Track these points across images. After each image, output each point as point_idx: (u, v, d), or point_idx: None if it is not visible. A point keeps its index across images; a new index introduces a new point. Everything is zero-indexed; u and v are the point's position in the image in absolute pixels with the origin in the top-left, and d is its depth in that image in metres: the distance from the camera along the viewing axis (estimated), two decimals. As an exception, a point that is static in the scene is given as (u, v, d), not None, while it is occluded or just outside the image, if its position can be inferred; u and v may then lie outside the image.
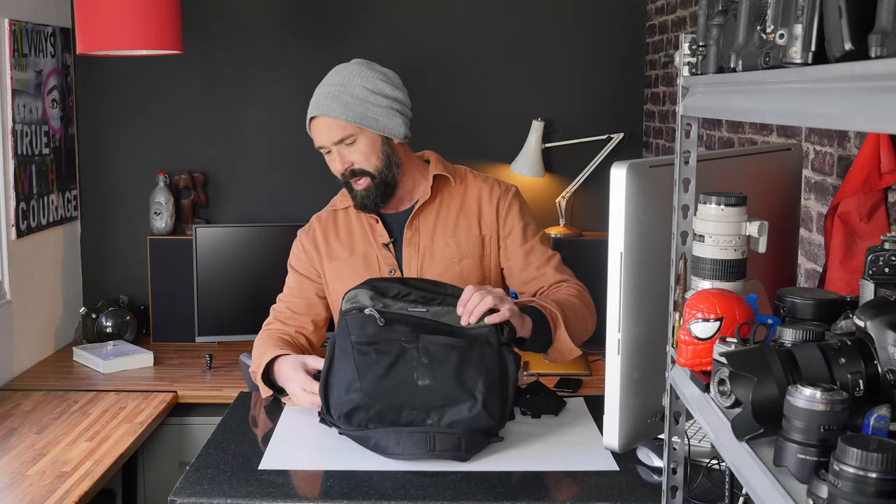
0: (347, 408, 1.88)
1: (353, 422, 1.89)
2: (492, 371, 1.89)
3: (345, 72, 2.21)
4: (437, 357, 1.88)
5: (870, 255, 1.27)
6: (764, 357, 1.06)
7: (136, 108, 3.79)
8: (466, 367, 1.88)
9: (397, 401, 1.86)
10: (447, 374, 1.87)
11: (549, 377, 3.23)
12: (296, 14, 3.76)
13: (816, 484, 0.93)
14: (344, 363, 1.91)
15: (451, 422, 1.86)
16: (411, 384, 1.87)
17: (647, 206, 1.39)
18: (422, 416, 1.86)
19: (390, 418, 1.87)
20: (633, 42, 3.79)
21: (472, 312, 1.92)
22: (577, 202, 3.80)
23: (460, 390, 1.86)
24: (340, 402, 1.89)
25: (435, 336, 1.91)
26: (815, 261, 2.13)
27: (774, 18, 0.99)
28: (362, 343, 1.90)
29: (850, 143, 1.96)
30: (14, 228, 3.20)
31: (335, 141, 2.17)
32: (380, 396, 1.87)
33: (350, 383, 1.88)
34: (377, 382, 1.87)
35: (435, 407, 1.86)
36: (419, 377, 1.87)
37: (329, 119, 2.16)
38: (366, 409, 1.87)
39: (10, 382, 3.19)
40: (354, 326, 1.93)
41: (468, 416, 1.85)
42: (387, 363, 1.88)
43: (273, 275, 3.60)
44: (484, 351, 1.91)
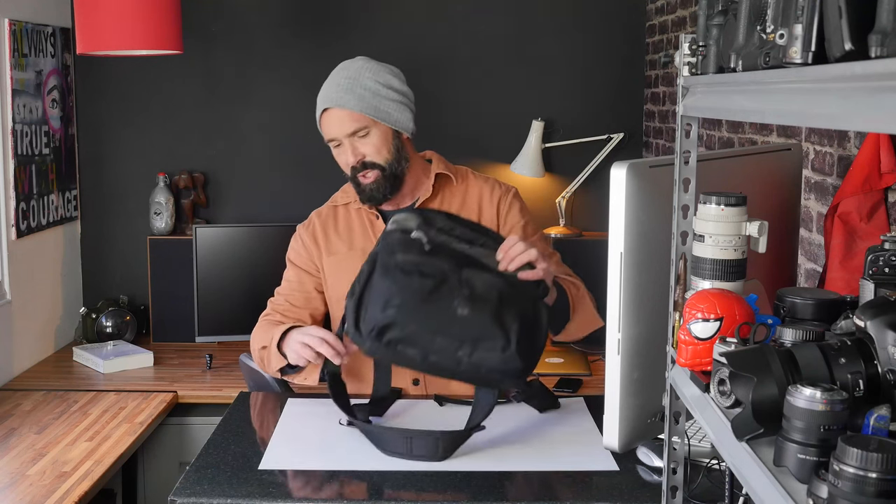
0: (383, 322, 1.83)
1: (383, 338, 1.84)
2: (527, 318, 1.87)
3: (354, 66, 2.22)
4: (479, 292, 1.85)
5: (870, 255, 1.27)
6: (764, 357, 1.06)
7: (136, 108, 3.79)
8: (505, 307, 1.85)
9: (434, 325, 1.83)
10: (486, 309, 1.84)
11: (549, 377, 3.23)
12: (296, 14, 3.76)
13: (816, 484, 0.93)
14: (384, 280, 1.87)
15: (482, 360, 1.83)
16: (450, 311, 1.83)
17: (647, 206, 1.39)
18: (454, 345, 1.82)
19: (423, 342, 1.83)
20: (633, 42, 3.79)
21: (514, 260, 1.91)
22: (577, 202, 3.80)
23: (497, 328, 1.83)
24: (374, 318, 1.85)
25: (478, 272, 1.89)
26: (815, 261, 2.13)
27: (774, 18, 0.99)
28: (407, 263, 1.87)
29: (850, 143, 1.96)
30: (14, 228, 3.20)
31: (348, 133, 2.18)
32: (417, 318, 1.83)
33: (389, 300, 1.84)
34: (417, 304, 1.84)
35: (469, 339, 1.82)
36: (459, 306, 1.83)
37: (343, 111, 2.17)
38: (401, 327, 1.83)
39: (10, 382, 3.19)
40: (399, 247, 1.90)
41: (500, 357, 1.83)
42: (429, 287, 1.85)
43: (273, 275, 3.59)
44: (523, 297, 1.89)
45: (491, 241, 1.97)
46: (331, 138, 2.22)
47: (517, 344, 1.83)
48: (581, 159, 3.73)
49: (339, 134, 2.19)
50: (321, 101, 2.21)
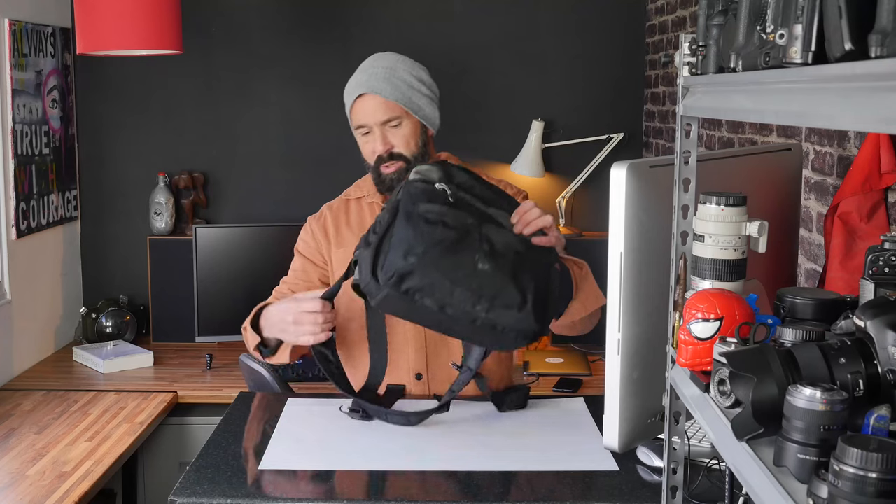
0: (404, 269, 1.80)
1: (402, 286, 1.81)
2: (541, 280, 1.88)
3: (390, 58, 2.25)
4: (498, 249, 1.86)
5: (870, 255, 1.27)
6: (764, 357, 1.06)
7: (136, 108, 3.79)
8: (522, 267, 1.86)
9: (454, 276, 1.81)
10: (505, 266, 1.84)
11: (549, 377, 3.23)
12: (296, 14, 3.76)
13: (816, 484, 0.93)
14: (406, 228, 1.84)
15: (498, 317, 1.82)
16: (472, 265, 1.82)
17: (647, 206, 1.39)
18: (472, 299, 1.81)
19: (441, 293, 1.81)
20: (633, 42, 3.79)
21: (529, 224, 1.92)
22: (577, 202, 3.80)
23: (514, 287, 1.83)
24: (395, 264, 1.81)
25: (498, 229, 1.90)
26: (815, 261, 2.13)
27: (774, 18, 0.99)
28: (431, 212, 1.86)
29: (850, 143, 1.96)
30: (14, 228, 3.20)
31: (382, 121, 2.19)
32: (439, 268, 1.81)
33: (411, 248, 1.81)
34: (441, 253, 1.82)
35: (487, 295, 1.82)
36: (480, 260, 1.83)
37: (379, 98, 2.18)
38: (422, 275, 1.80)
39: (10, 382, 3.19)
40: (423, 196, 1.88)
41: (517, 317, 1.83)
42: (453, 238, 1.83)
43: (273, 275, 3.59)
44: (537, 260, 1.90)
45: (506, 203, 1.98)
46: (361, 125, 2.22)
47: (532, 304, 1.83)
48: (581, 159, 3.73)
49: (371, 121, 2.20)
50: (356, 87, 2.22)
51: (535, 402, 2.24)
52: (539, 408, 2.20)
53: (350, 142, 3.77)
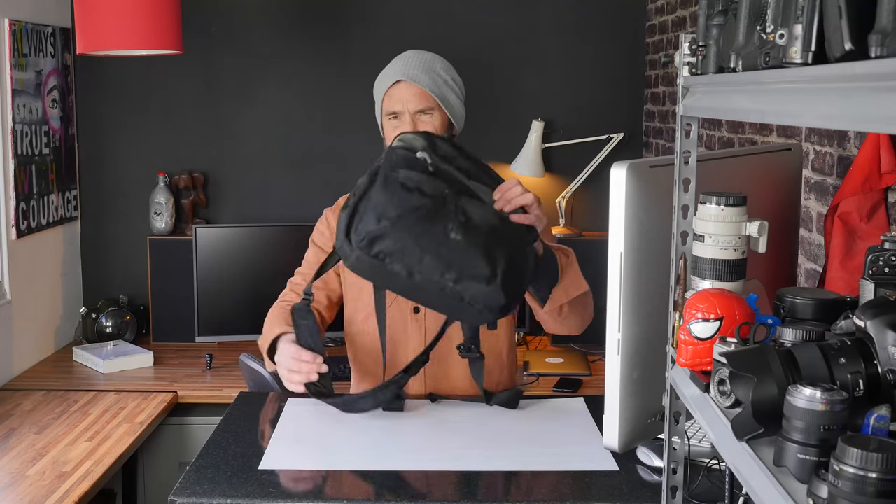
0: (375, 233, 1.82)
1: (373, 249, 1.84)
2: (516, 256, 1.89)
3: (426, 54, 2.29)
4: (474, 220, 1.86)
5: (870, 255, 1.27)
6: (764, 357, 1.06)
7: (136, 108, 3.79)
8: (496, 241, 1.86)
9: (425, 243, 1.82)
10: (478, 239, 1.84)
11: (549, 377, 3.23)
12: (295, 14, 3.76)
13: (816, 484, 0.93)
14: (383, 192, 1.85)
15: (465, 288, 1.83)
16: (444, 234, 1.83)
17: (647, 206, 1.39)
18: (441, 268, 1.82)
19: (411, 259, 1.83)
20: (633, 42, 3.79)
21: (510, 201, 1.92)
22: (577, 202, 3.80)
23: (485, 259, 1.83)
24: (367, 227, 1.83)
25: (476, 201, 1.90)
26: (815, 261, 2.13)
27: (774, 18, 0.99)
28: (409, 179, 1.87)
29: (850, 143, 1.96)
30: (14, 228, 3.20)
31: (415, 109, 2.21)
32: (411, 233, 1.82)
33: (384, 212, 1.83)
34: (413, 219, 1.83)
35: (456, 265, 1.83)
36: (452, 230, 1.84)
37: (417, 87, 2.21)
38: (393, 239, 1.82)
39: (10, 382, 3.19)
40: (403, 162, 1.89)
41: (484, 290, 1.83)
42: (427, 206, 1.84)
43: (273, 275, 3.60)
44: (513, 236, 1.90)
45: (489, 178, 1.98)
46: (394, 111, 2.24)
47: (502, 278, 1.83)
48: (581, 159, 3.73)
49: (405, 108, 2.22)
50: (393, 73, 2.24)
51: (535, 402, 2.24)
52: (539, 408, 2.20)
53: (350, 142, 3.79)
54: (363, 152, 3.78)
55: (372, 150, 3.76)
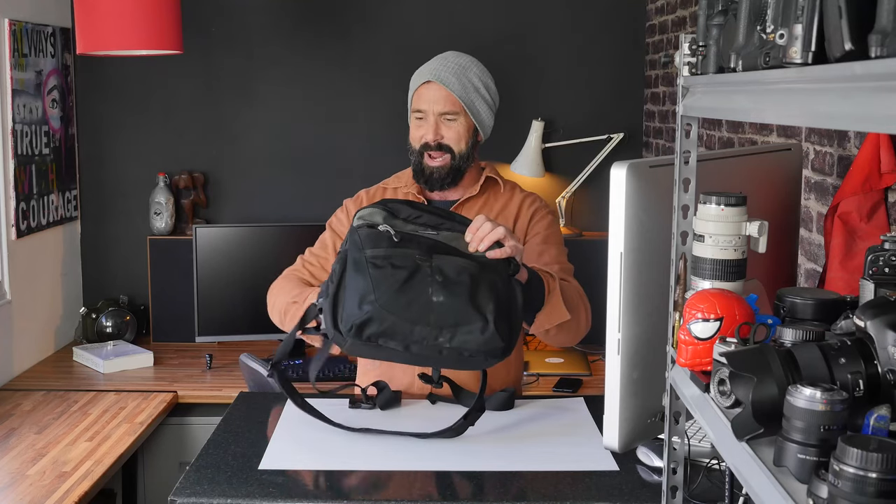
0: (360, 319, 1.82)
1: (363, 334, 1.84)
2: (502, 296, 1.88)
3: (464, 58, 2.32)
4: (451, 277, 1.86)
5: (870, 255, 1.27)
6: (764, 357, 1.06)
7: (136, 108, 3.79)
8: (478, 288, 1.86)
9: (411, 315, 1.83)
10: (460, 293, 1.84)
11: (549, 377, 3.23)
12: (295, 14, 3.76)
13: (816, 484, 0.92)
14: (356, 277, 1.86)
15: (463, 343, 1.84)
16: (426, 299, 1.84)
17: (647, 206, 1.39)
18: (434, 333, 1.83)
19: (402, 333, 1.83)
20: (633, 42, 3.79)
21: (483, 240, 1.92)
22: (577, 202, 3.80)
23: (473, 310, 1.83)
24: (352, 315, 1.84)
25: (448, 256, 1.90)
26: (815, 261, 2.13)
27: (774, 18, 0.99)
28: (377, 257, 1.87)
29: (850, 143, 1.96)
30: (14, 228, 3.20)
31: (440, 111, 2.25)
32: (395, 309, 1.83)
33: (364, 296, 1.84)
34: (393, 296, 1.83)
35: (447, 325, 1.83)
36: (433, 293, 1.84)
37: (446, 90, 2.24)
38: (379, 321, 1.82)
39: (10, 382, 3.19)
40: (368, 241, 1.90)
41: (480, 339, 1.83)
42: (403, 277, 1.85)
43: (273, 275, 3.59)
44: (494, 276, 1.90)
45: (457, 224, 1.98)
46: (420, 109, 2.27)
47: (495, 323, 1.84)
48: (581, 159, 3.73)
49: (430, 108, 2.26)
50: (426, 73, 2.27)
51: (535, 402, 2.24)
52: (539, 408, 2.20)
53: (350, 141, 3.79)
54: (363, 152, 3.79)
55: (372, 149, 3.79)
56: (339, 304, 1.87)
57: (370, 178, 2.85)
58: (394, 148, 3.45)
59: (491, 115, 2.34)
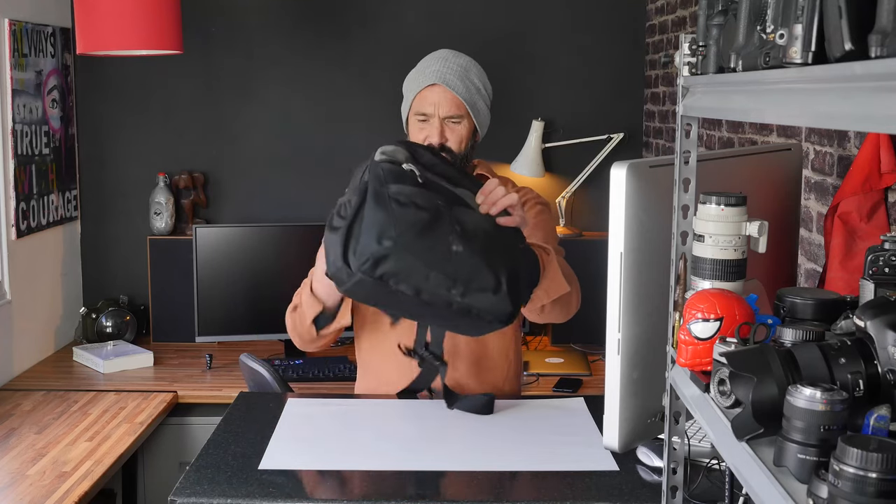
0: (379, 254, 1.73)
1: (377, 271, 1.74)
2: (512, 261, 1.85)
3: (463, 59, 2.31)
4: (469, 230, 1.80)
5: (870, 255, 1.27)
6: (764, 357, 1.06)
7: (136, 108, 3.79)
8: (494, 248, 1.82)
9: (430, 259, 1.75)
10: (477, 249, 1.79)
11: (549, 377, 3.23)
12: (295, 14, 3.76)
13: (816, 484, 0.93)
14: (377, 210, 1.75)
15: (473, 301, 1.78)
16: (445, 246, 1.77)
17: (647, 206, 1.39)
18: (447, 283, 1.76)
19: (417, 277, 1.75)
20: (633, 42, 3.79)
21: (495, 204, 1.87)
22: (577, 202, 3.80)
23: (487, 269, 1.78)
24: (369, 248, 1.73)
25: (468, 209, 1.85)
26: (815, 261, 2.13)
27: (774, 18, 0.99)
28: (401, 194, 1.77)
29: (850, 143, 1.96)
30: (14, 228, 3.20)
31: (445, 115, 2.25)
32: (414, 250, 1.74)
33: (384, 231, 1.73)
34: (415, 236, 1.74)
35: (462, 278, 1.77)
36: (453, 242, 1.78)
37: (451, 93, 2.24)
38: (397, 259, 1.73)
39: (10, 382, 3.19)
40: (392, 177, 1.80)
41: (492, 299, 1.79)
42: (426, 220, 1.76)
43: (273, 275, 3.61)
44: (506, 244, 1.87)
45: (470, 183, 1.94)
46: (423, 112, 2.26)
47: (507, 286, 1.80)
48: (581, 159, 3.73)
49: (435, 112, 2.25)
50: (430, 76, 2.25)
51: (535, 402, 2.24)
52: (539, 408, 2.20)
53: (350, 141, 3.79)
54: (363, 152, 3.77)
55: (372, 149, 3.77)
56: (352, 236, 1.78)
57: (370, 178, 2.84)
58: (394, 148, 3.45)
59: (489, 114, 2.35)
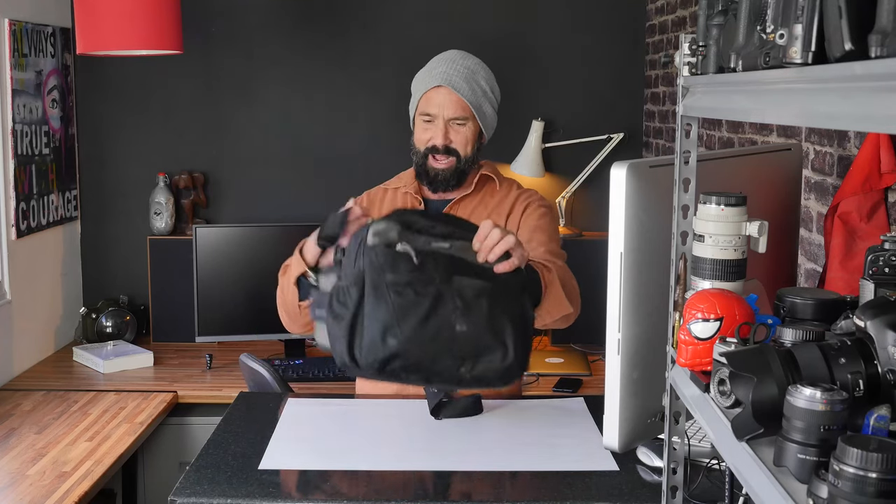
0: (383, 355, 1.74)
1: (385, 370, 1.76)
2: (517, 316, 1.83)
3: (471, 60, 2.33)
4: (470, 302, 1.78)
5: (870, 255, 1.27)
6: (764, 357, 1.06)
7: (136, 108, 3.79)
8: (495, 312, 1.80)
9: (435, 348, 1.75)
10: (481, 320, 1.78)
11: (549, 377, 3.23)
12: (296, 14, 3.76)
13: (816, 484, 0.93)
14: (377, 304, 1.75)
15: (484, 370, 1.78)
16: (450, 330, 1.76)
17: (647, 206, 1.39)
18: (456, 363, 1.77)
19: (424, 368, 1.76)
20: (633, 42, 3.79)
21: (493, 251, 1.83)
22: (577, 202, 3.80)
23: (492, 338, 1.78)
24: (375, 347, 1.74)
25: (467, 279, 1.81)
26: (815, 261, 2.13)
27: (774, 18, 0.99)
28: (399, 283, 1.75)
29: (850, 143, 1.96)
30: (14, 228, 3.20)
31: (450, 116, 2.26)
32: (420, 343, 1.74)
33: (388, 328, 1.74)
34: (418, 328, 1.74)
35: (469, 355, 1.77)
36: (457, 322, 1.76)
37: (456, 95, 2.25)
38: (405, 356, 1.74)
39: (10, 382, 3.19)
40: (388, 265, 1.76)
41: (501, 366, 1.78)
42: (427, 306, 1.75)
43: (273, 275, 3.59)
44: (508, 296, 1.84)
45: (465, 231, 1.88)
46: (428, 113, 2.27)
47: (514, 349, 1.80)
48: (581, 159, 3.73)
49: (440, 113, 2.26)
50: (436, 77, 2.26)
51: (535, 402, 2.24)
52: (539, 408, 2.20)
53: (350, 141, 3.79)
54: (363, 152, 3.78)
55: (372, 149, 3.79)
56: (356, 331, 1.77)
57: (370, 177, 2.85)
58: (394, 148, 3.45)
59: (495, 116, 2.35)
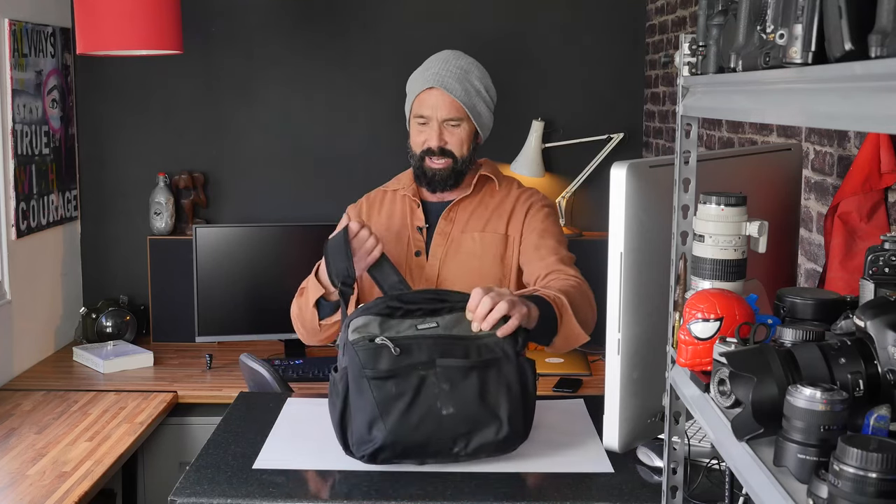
0: (371, 448, 1.80)
1: (377, 459, 1.82)
2: (513, 386, 1.83)
3: (464, 60, 2.31)
4: (457, 381, 1.79)
5: (870, 255, 1.27)
6: (764, 357, 1.06)
7: (136, 108, 3.79)
8: (488, 386, 1.81)
9: (423, 436, 1.79)
10: (470, 398, 1.79)
11: (549, 377, 3.23)
12: (295, 14, 3.76)
13: (816, 484, 0.93)
14: (360, 398, 1.80)
15: (479, 446, 1.81)
16: (435, 415, 1.79)
17: (647, 206, 1.39)
18: (448, 444, 1.80)
19: (416, 453, 1.81)
20: (633, 42, 3.79)
21: (486, 320, 1.82)
22: (577, 202, 3.80)
23: (485, 413, 1.80)
24: (363, 441, 1.80)
25: (451, 359, 1.81)
26: (815, 261, 2.13)
27: (774, 18, 0.99)
28: (379, 378, 1.79)
29: (850, 143, 1.96)
30: (14, 228, 3.20)
31: (444, 118, 2.26)
32: (405, 434, 1.79)
33: (372, 421, 1.79)
34: (401, 420, 1.78)
35: (461, 434, 1.80)
36: (442, 406, 1.79)
37: (449, 97, 2.25)
38: (392, 447, 1.79)
39: (10, 382, 3.19)
40: (368, 359, 1.80)
41: (496, 440, 1.81)
42: (408, 398, 1.78)
43: (273, 275, 3.61)
44: (502, 365, 1.83)
45: (456, 304, 1.86)
46: (422, 115, 2.27)
47: (509, 422, 1.81)
48: (581, 159, 3.73)
49: (434, 114, 2.26)
50: (429, 79, 2.26)
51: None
52: (538, 408, 2.20)
53: (350, 141, 3.79)
54: (363, 152, 3.78)
55: (372, 149, 3.79)
56: (347, 424, 1.83)
57: (370, 177, 2.85)
58: (394, 148, 3.45)
59: (491, 116, 2.34)
